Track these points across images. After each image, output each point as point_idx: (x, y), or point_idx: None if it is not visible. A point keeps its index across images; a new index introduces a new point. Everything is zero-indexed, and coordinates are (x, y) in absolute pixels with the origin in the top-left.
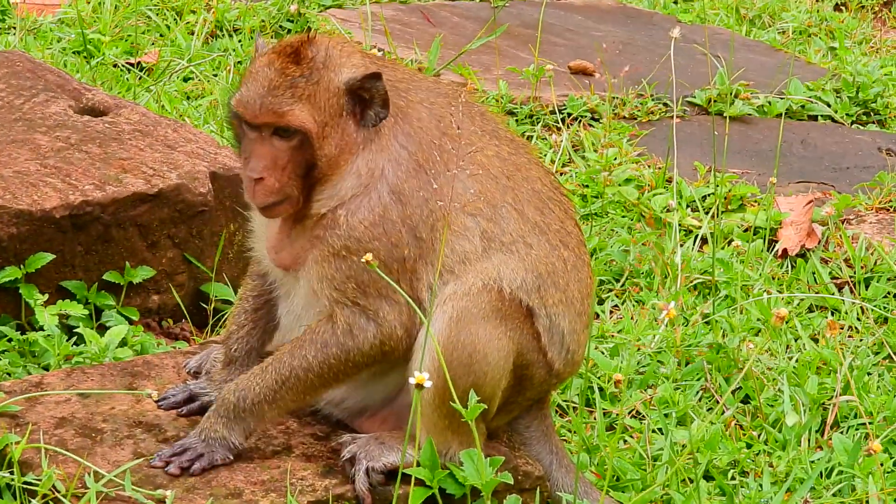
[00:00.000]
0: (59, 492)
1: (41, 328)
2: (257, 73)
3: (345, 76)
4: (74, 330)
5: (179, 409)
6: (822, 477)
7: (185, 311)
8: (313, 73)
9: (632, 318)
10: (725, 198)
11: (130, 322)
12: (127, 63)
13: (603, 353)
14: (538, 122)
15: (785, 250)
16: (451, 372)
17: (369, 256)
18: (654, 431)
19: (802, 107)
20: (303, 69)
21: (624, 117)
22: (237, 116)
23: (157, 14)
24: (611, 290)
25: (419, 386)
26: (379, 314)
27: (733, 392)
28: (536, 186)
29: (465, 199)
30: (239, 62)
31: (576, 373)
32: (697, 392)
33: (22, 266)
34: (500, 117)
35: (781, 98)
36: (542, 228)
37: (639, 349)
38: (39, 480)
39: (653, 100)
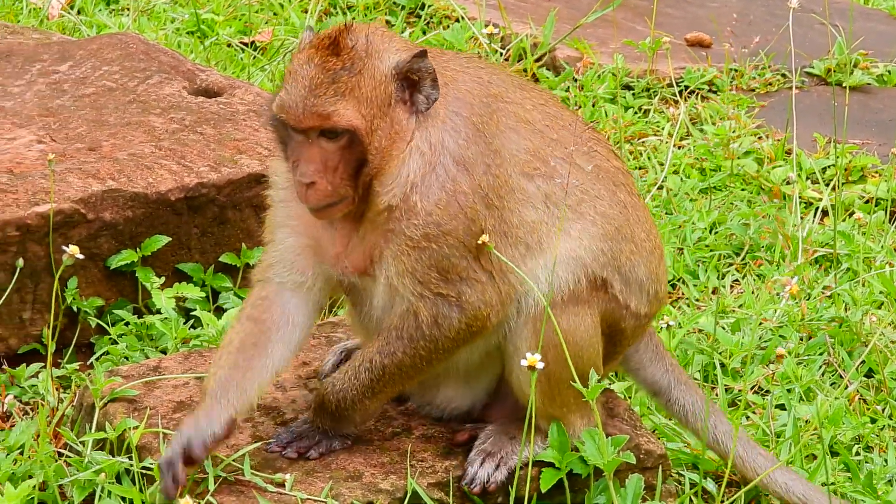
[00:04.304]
0: None
1: (158, 311)
2: (297, 71)
3: (391, 61)
4: (191, 313)
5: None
6: None
7: None
8: (355, 63)
9: (753, 292)
10: (846, 169)
11: None
12: (241, 42)
13: (724, 328)
14: (655, 96)
15: None
16: (549, 367)
17: (485, 238)
18: (777, 407)
19: None
20: (343, 60)
21: (742, 89)
22: (280, 121)
23: None
24: (731, 265)
25: (531, 368)
26: (461, 298)
27: (857, 366)
28: (577, 131)
29: (521, 159)
30: None
31: (665, 304)
32: (820, 367)
33: (138, 249)
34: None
35: None
36: (596, 174)
37: (761, 324)
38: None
39: (771, 71)
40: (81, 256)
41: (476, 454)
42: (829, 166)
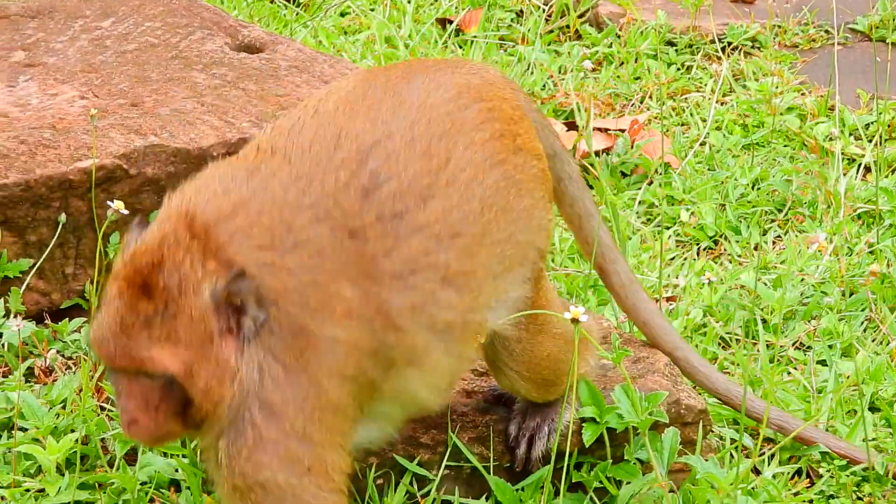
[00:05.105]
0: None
1: None
2: (110, 304)
3: (206, 294)
4: None
5: None
6: None
7: None
8: (169, 305)
9: (795, 248)
10: (889, 125)
11: None
12: None
13: (766, 284)
14: (698, 52)
15: None
16: (547, 377)
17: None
18: (818, 363)
19: None
20: (156, 303)
21: (785, 45)
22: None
23: None
24: (773, 221)
25: (575, 321)
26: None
27: None
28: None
29: (341, 366)
30: None
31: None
32: (862, 322)
33: None
34: None
35: None
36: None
37: (802, 280)
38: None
39: (814, 27)
40: (126, 212)
41: (521, 432)
42: (871, 122)
